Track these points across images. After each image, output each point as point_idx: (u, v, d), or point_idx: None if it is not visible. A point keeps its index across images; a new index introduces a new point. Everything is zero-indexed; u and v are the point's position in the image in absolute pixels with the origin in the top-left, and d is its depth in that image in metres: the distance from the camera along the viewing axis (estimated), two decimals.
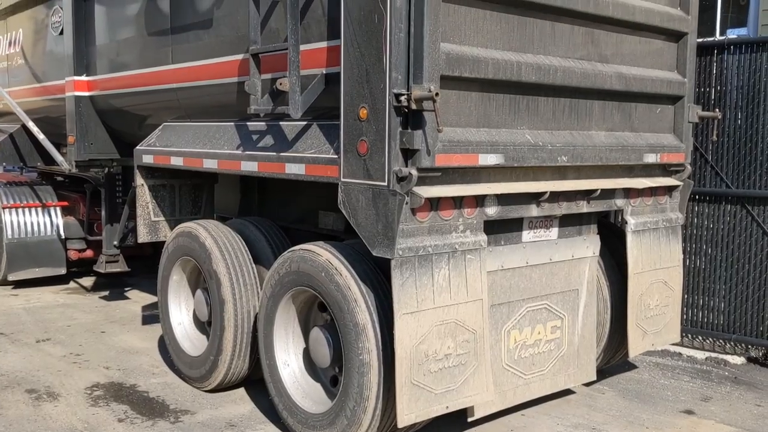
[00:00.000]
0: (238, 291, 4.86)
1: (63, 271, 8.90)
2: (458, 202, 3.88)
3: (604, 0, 4.42)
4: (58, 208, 9.03)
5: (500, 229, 4.28)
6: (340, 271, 3.93)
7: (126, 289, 8.95)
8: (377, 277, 3.96)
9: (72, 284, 9.17)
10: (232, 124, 4.98)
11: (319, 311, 4.51)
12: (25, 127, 8.63)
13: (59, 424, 4.60)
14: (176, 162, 5.32)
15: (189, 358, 5.30)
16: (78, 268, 9.30)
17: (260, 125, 4.72)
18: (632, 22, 4.66)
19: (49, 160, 8.90)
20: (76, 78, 6.69)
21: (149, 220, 5.91)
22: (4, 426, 4.54)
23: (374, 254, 3.71)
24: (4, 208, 8.71)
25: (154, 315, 7.52)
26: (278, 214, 5.69)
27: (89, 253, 9.21)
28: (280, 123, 4.52)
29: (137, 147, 5.81)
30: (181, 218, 6.06)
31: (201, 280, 5.52)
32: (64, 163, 6.93)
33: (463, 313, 3.88)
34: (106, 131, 6.90)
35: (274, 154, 4.37)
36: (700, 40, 5.51)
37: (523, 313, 4.47)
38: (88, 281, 9.37)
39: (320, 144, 4.12)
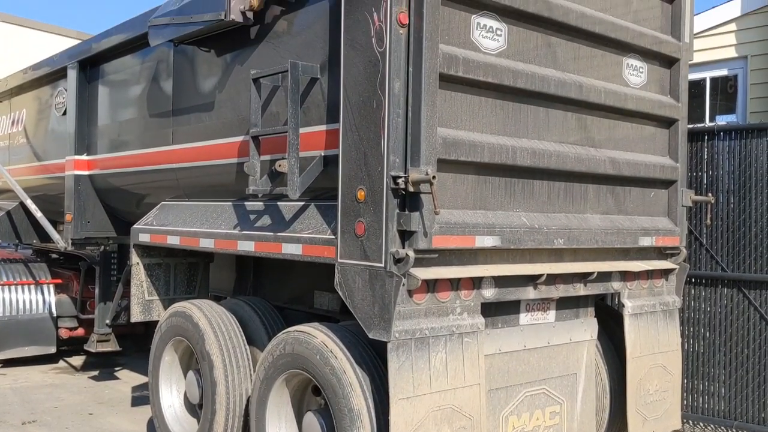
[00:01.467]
0: (231, 373, 4.77)
1: (53, 350, 8.76)
2: (455, 284, 3.86)
3: (596, 88, 4.53)
4: (51, 286, 8.97)
5: (497, 312, 4.25)
6: (335, 353, 3.87)
7: (116, 368, 8.79)
8: (373, 360, 3.89)
9: (61, 363, 9.01)
10: (230, 203, 5.01)
11: (313, 395, 4.42)
12: (23, 205, 8.67)
13: None
14: (173, 241, 5.32)
15: None
16: (68, 347, 9.16)
17: (258, 205, 4.75)
18: (624, 109, 4.77)
19: (45, 237, 8.88)
20: (77, 157, 6.76)
21: (143, 299, 5.86)
22: None
23: (370, 337, 3.66)
24: None
25: (144, 396, 7.35)
26: (273, 293, 5.66)
27: (80, 331, 9.10)
28: (278, 203, 4.55)
29: (134, 226, 5.82)
30: (176, 297, 6.01)
31: (193, 361, 5.42)
32: (60, 241, 6.92)
33: (460, 398, 3.80)
34: (103, 209, 6.93)
35: (272, 234, 4.38)
36: (690, 126, 5.62)
37: (521, 398, 4.38)
38: (78, 360, 9.21)
39: (317, 224, 4.14)
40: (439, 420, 3.70)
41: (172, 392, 5.44)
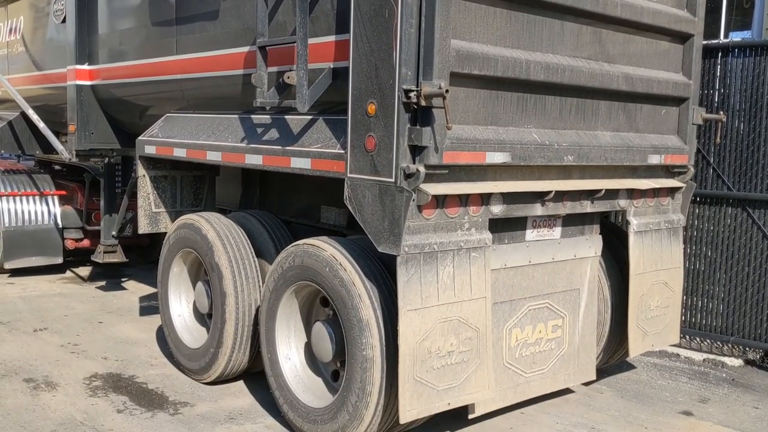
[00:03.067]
0: (240, 284, 4.85)
1: (59, 260, 8.88)
2: (464, 200, 3.88)
3: (613, 0, 4.42)
4: (55, 197, 9.00)
5: (504, 228, 4.28)
6: (345, 266, 3.93)
7: (123, 279, 8.94)
8: (381, 273, 3.96)
9: (68, 273, 9.15)
10: (237, 116, 4.97)
11: (321, 306, 4.52)
12: (24, 115, 8.60)
13: (58, 414, 4.59)
14: (179, 153, 5.31)
15: (188, 351, 5.29)
16: (74, 258, 9.29)
17: (265, 118, 4.71)
18: (639, 23, 4.66)
19: (48, 148, 8.87)
20: (78, 67, 6.66)
21: (150, 211, 5.89)
22: (2, 415, 4.53)
23: (380, 251, 3.71)
24: (1, 197, 8.67)
25: (151, 306, 7.51)
26: (279, 208, 5.69)
27: (86, 242, 9.20)
28: (286, 117, 4.51)
29: (139, 138, 5.79)
30: (182, 210, 6.05)
31: (202, 272, 5.51)
32: (64, 152, 6.90)
33: (466, 310, 3.88)
34: (107, 121, 6.87)
35: (280, 147, 4.36)
36: (704, 42, 5.51)
37: (524, 311, 4.48)
38: (84, 271, 9.35)
39: (326, 139, 4.12)
40: (446, 331, 3.79)
41: (182, 302, 5.55)
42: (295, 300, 4.43)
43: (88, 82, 6.71)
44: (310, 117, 4.30)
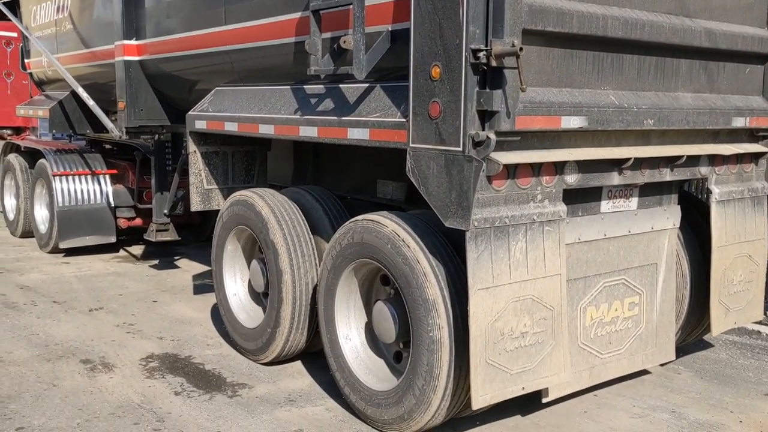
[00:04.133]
0: (296, 262, 4.67)
1: (113, 239, 8.87)
2: (537, 169, 3.59)
3: None
4: (107, 176, 8.96)
5: (578, 199, 3.98)
6: (408, 243, 3.69)
7: (175, 257, 8.88)
8: (447, 249, 3.71)
9: (122, 252, 9.14)
10: (289, 87, 4.74)
11: (381, 284, 4.30)
12: (74, 94, 8.55)
13: (115, 397, 4.49)
14: (230, 128, 5.12)
15: (245, 330, 5.14)
16: (127, 236, 9.26)
17: (319, 88, 4.47)
18: None
19: (98, 127, 8.82)
20: (126, 42, 6.51)
21: (202, 188, 5.74)
22: (61, 398, 4.45)
23: (447, 225, 3.46)
24: (54, 176, 8.67)
25: (205, 284, 7.42)
26: (333, 182, 5.47)
27: (138, 221, 9.16)
28: (341, 85, 4.27)
29: (189, 113, 5.63)
30: (234, 186, 5.89)
31: (256, 250, 5.35)
32: (115, 130, 6.80)
33: (540, 288, 3.61)
34: (156, 97, 6.73)
35: (335, 118, 4.12)
36: None
37: (599, 288, 4.19)
38: (137, 249, 9.33)
39: (386, 107, 3.86)
40: (519, 311, 3.54)
41: (236, 281, 5.40)
42: (355, 278, 4.22)
43: (136, 58, 6.56)
44: (367, 85, 4.05)
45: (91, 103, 7.18)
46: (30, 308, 6.45)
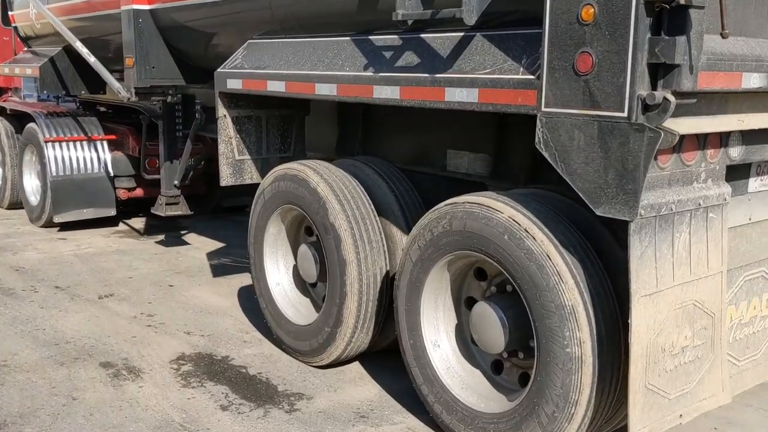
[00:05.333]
0: (363, 250, 3.87)
1: (113, 212, 7.99)
2: (702, 141, 2.81)
3: None
4: (104, 142, 8.04)
5: (727, 177, 3.22)
6: (533, 233, 2.91)
7: (182, 232, 8.03)
8: (580, 242, 2.94)
9: (122, 226, 8.26)
10: (353, 38, 3.89)
11: (476, 279, 3.52)
12: (67, 50, 7.58)
13: (150, 414, 3.70)
14: (275, 87, 4.25)
15: (293, 328, 4.36)
16: (125, 208, 8.35)
17: (393, 39, 3.63)
18: None
19: (95, 88, 7.87)
20: None
21: (233, 159, 4.89)
22: (84, 416, 3.65)
23: (599, 213, 2.67)
24: (46, 142, 7.74)
25: (223, 264, 6.61)
26: (389, 153, 4.64)
27: (139, 191, 8.28)
28: (429, 35, 3.43)
29: (219, 70, 4.74)
30: (269, 156, 5.05)
31: (302, 232, 4.55)
32: (122, 91, 5.87)
33: (702, 291, 2.86)
34: (169, 53, 5.80)
35: (427, 76, 3.29)
36: None
37: (740, 283, 3.44)
38: (138, 223, 8.46)
39: (500, 61, 3.04)
40: (679, 320, 2.79)
41: (279, 268, 4.60)
42: (447, 273, 3.44)
43: (147, 6, 5.62)
44: (472, 33, 3.21)
45: (92, 59, 6.23)
46: (30, 295, 5.60)
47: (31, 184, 8.41)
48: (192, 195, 8.42)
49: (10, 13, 8.72)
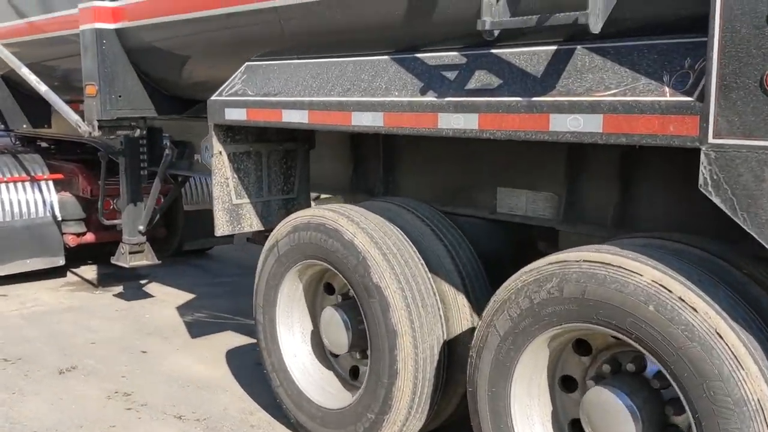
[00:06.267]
0: (418, 317, 3.08)
1: (61, 261, 6.94)
2: None
3: None
4: (50, 182, 7.00)
5: None
6: (693, 303, 2.18)
7: (142, 281, 7.03)
8: (751, 314, 2.24)
9: (71, 277, 7.20)
10: (402, 57, 3.12)
11: (575, 352, 2.77)
12: (5, 79, 6.55)
13: None
14: (294, 118, 3.43)
15: (319, 411, 3.50)
16: (72, 255, 7.25)
17: (459, 55, 2.89)
18: None
19: (38, 120, 6.85)
20: (97, 3, 4.65)
21: (230, 203, 4.02)
22: None
23: None
24: None
25: (200, 321, 5.68)
26: (419, 191, 3.89)
27: (90, 237, 7.29)
28: (515, 50, 2.70)
29: (213, 98, 3.89)
30: (270, 199, 4.21)
31: (321, 290, 3.73)
32: (82, 124, 4.90)
33: None
34: (138, 79, 4.90)
35: (520, 100, 2.55)
36: None
37: None
38: (89, 272, 7.41)
39: (628, 79, 2.33)
40: None
41: (295, 335, 3.75)
42: (547, 350, 2.68)
43: (112, 25, 4.71)
44: (577, 45, 2.51)
45: (43, 89, 5.24)
46: None
47: None
48: (150, 238, 7.45)
49: None
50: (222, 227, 4.00)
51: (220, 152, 3.94)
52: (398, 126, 2.98)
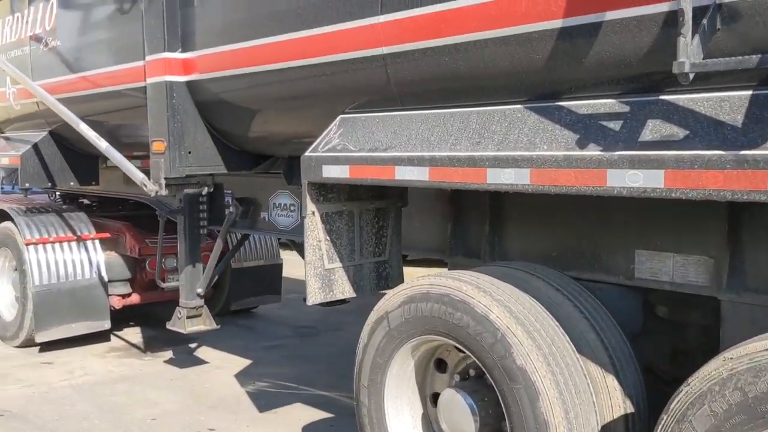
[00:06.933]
0: (573, 406, 2.62)
1: (107, 324, 6.53)
2: None
3: None
4: (96, 242, 6.61)
5: None
6: None
7: (191, 345, 6.58)
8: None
9: (116, 341, 6.76)
10: (543, 105, 2.73)
11: None
12: (54, 135, 6.24)
13: None
14: (410, 175, 3.03)
15: None
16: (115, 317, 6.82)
17: (616, 104, 2.50)
18: None
19: (86, 178, 6.51)
20: (169, 55, 4.33)
21: (322, 268, 3.60)
22: None
23: None
24: (27, 245, 6.27)
25: (263, 392, 5.22)
26: (537, 254, 3.46)
27: (135, 298, 6.88)
28: (694, 96, 2.31)
29: (308, 154, 3.50)
30: (362, 262, 3.79)
31: (432, 367, 3.27)
32: (149, 183, 4.52)
33: None
34: (208, 134, 4.54)
35: (725, 154, 2.14)
36: None
37: None
38: (133, 335, 6.98)
39: None
40: None
41: (404, 419, 3.28)
42: None
43: (182, 78, 4.37)
44: None
45: (103, 145, 4.88)
46: None
47: (6, 296, 6.84)
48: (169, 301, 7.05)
49: None
50: (314, 295, 3.57)
51: (313, 212, 3.54)
52: (551, 184, 2.56)
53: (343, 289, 3.70)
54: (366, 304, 3.70)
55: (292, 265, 7.74)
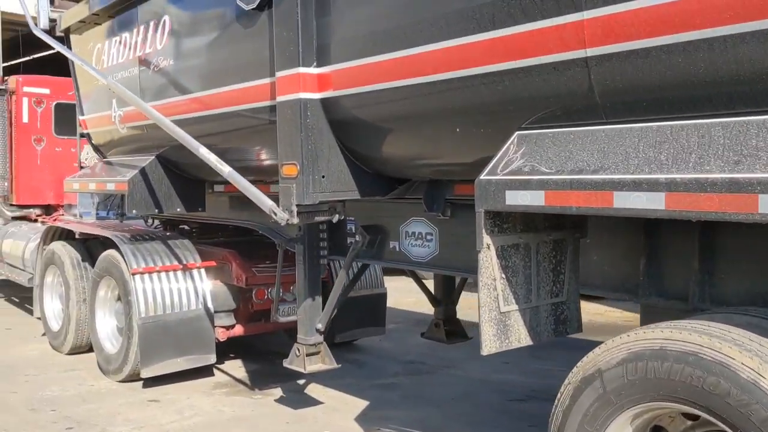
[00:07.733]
0: None
1: (213, 359, 6.11)
2: None
3: None
4: (202, 270, 6.23)
5: None
6: None
7: (299, 381, 6.10)
8: None
9: (220, 376, 6.34)
10: None
11: None
12: (161, 159, 5.90)
13: None
14: (639, 203, 2.43)
15: None
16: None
17: None
18: None
19: (192, 204, 6.14)
20: (304, 70, 3.87)
21: (497, 311, 3.03)
22: None
23: None
24: (133, 274, 5.93)
25: None
26: (759, 296, 2.81)
27: (239, 329, 6.46)
28: None
29: (484, 177, 2.95)
30: (539, 304, 3.20)
31: None
32: (278, 211, 4.05)
33: None
34: (342, 156, 4.06)
35: None
36: None
37: None
38: (236, 369, 6.56)
39: None
40: None
41: None
42: None
43: (317, 95, 3.91)
44: None
45: (226, 170, 4.45)
46: None
47: (107, 327, 6.52)
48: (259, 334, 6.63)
49: (80, 117, 7.08)
50: (489, 343, 3.00)
51: (488, 246, 2.98)
52: None
53: (519, 336, 3.12)
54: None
55: (390, 292, 7.23)
